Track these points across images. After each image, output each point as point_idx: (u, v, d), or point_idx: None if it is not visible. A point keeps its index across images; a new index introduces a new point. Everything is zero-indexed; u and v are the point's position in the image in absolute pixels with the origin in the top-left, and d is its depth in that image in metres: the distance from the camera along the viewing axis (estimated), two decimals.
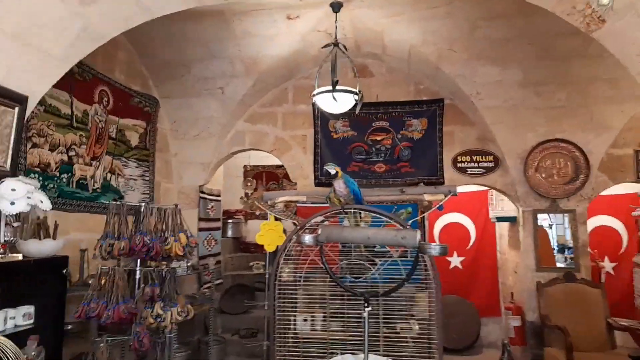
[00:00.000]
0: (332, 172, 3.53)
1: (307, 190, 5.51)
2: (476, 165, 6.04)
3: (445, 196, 3.79)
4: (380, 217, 3.40)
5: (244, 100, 6.16)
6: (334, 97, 4.36)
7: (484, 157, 6.01)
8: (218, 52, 5.50)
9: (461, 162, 6.05)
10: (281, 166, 7.85)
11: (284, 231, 7.10)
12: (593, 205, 5.85)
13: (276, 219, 4.19)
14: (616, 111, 5.45)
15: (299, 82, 6.45)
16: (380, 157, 6.17)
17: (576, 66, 5.20)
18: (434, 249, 2.79)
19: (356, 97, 4.50)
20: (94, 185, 4.70)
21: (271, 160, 7.93)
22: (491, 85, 5.50)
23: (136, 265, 3.16)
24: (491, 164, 6.00)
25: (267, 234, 3.98)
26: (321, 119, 6.30)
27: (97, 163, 4.78)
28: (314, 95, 4.52)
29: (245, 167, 8.03)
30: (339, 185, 3.51)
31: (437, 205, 3.69)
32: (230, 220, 7.79)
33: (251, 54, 5.52)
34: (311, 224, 3.59)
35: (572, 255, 5.94)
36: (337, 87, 4.41)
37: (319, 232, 3.07)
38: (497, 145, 5.84)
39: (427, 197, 3.76)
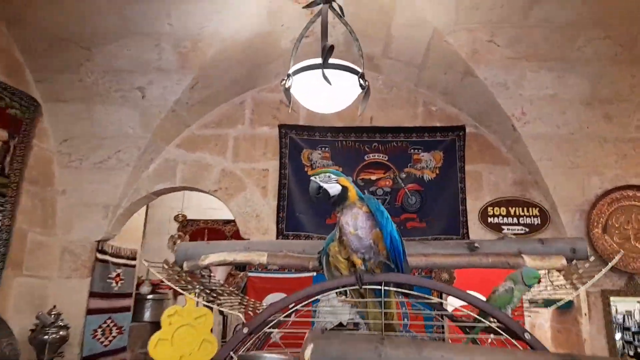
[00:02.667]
0: (332, 189, 1.51)
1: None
2: (515, 221, 4.16)
3: (570, 261, 1.82)
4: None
5: (177, 113, 4.12)
6: (325, 77, 2.41)
7: (525, 209, 4.16)
8: (137, 26, 3.52)
9: (493, 215, 4.16)
10: (231, 222, 5.69)
11: (224, 319, 4.82)
12: None
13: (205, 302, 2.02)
14: None
15: (261, 96, 4.52)
16: None
17: None
18: None
19: (362, 82, 2.58)
20: None
21: (219, 211, 5.78)
22: (542, 101, 3.78)
23: None
24: (536, 220, 4.13)
25: (178, 335, 1.78)
26: (291, 148, 4.32)
27: None
28: (288, 75, 2.57)
29: (176, 218, 5.78)
30: (355, 219, 1.47)
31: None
32: (150, 296, 5.38)
33: (189, 33, 3.57)
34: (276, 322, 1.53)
35: None
36: (332, 60, 2.49)
37: (306, 352, 1.01)
38: (546, 192, 4.03)
39: (528, 262, 1.76)
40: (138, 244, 5.06)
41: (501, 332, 1.41)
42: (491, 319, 1.53)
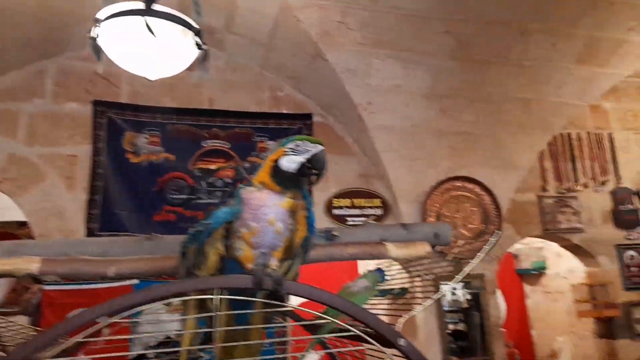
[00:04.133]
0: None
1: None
2: (359, 212, 4.07)
3: (434, 246, 1.62)
4: None
5: None
6: (148, 27, 1.83)
7: (369, 200, 4.10)
8: None
9: (338, 207, 4.01)
10: (27, 223, 4.50)
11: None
12: None
13: None
14: (526, 145, 4.26)
15: (69, 64, 3.60)
16: (216, 197, 3.66)
17: (492, 75, 3.83)
18: None
19: (199, 42, 2.07)
20: None
21: (12, 212, 4.51)
22: (388, 92, 3.74)
23: None
24: (379, 211, 4.11)
25: None
26: (109, 130, 3.52)
27: None
28: (97, 21, 1.91)
29: None
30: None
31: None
32: None
33: None
34: None
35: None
36: (160, 8, 1.92)
37: None
38: (388, 183, 4.03)
39: (392, 250, 1.51)
40: None
41: (367, 337, 1.07)
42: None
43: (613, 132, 4.92)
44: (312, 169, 1.12)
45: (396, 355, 1.11)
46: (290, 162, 1.11)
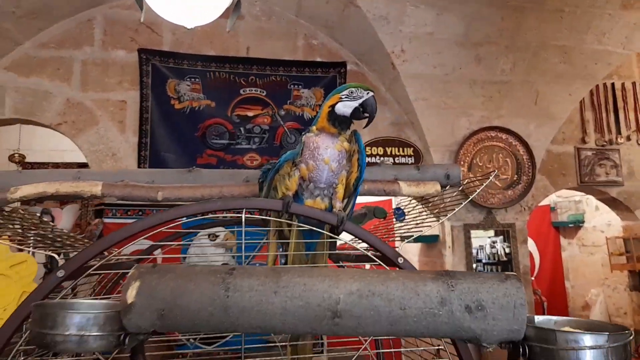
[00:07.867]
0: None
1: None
2: (391, 160, 4.19)
3: (444, 187, 1.76)
4: None
5: (3, 27, 3.28)
6: None
7: (401, 149, 4.20)
8: None
9: (371, 155, 4.13)
10: (86, 165, 4.93)
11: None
12: None
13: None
14: (564, 94, 4.17)
15: (115, 13, 3.81)
16: (254, 143, 3.88)
17: (530, 22, 3.73)
18: None
19: None
20: None
21: (70, 153, 4.97)
22: (421, 40, 3.74)
23: None
24: (410, 160, 4.21)
25: None
26: (154, 77, 3.75)
27: None
28: None
29: (12, 158, 4.81)
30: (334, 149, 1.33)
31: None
32: None
33: None
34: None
35: None
36: None
37: (130, 291, 0.69)
38: (420, 132, 4.09)
39: (404, 188, 1.66)
40: None
41: (373, 258, 1.27)
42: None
43: None
44: (364, 112, 1.30)
45: None
46: (345, 107, 1.29)
